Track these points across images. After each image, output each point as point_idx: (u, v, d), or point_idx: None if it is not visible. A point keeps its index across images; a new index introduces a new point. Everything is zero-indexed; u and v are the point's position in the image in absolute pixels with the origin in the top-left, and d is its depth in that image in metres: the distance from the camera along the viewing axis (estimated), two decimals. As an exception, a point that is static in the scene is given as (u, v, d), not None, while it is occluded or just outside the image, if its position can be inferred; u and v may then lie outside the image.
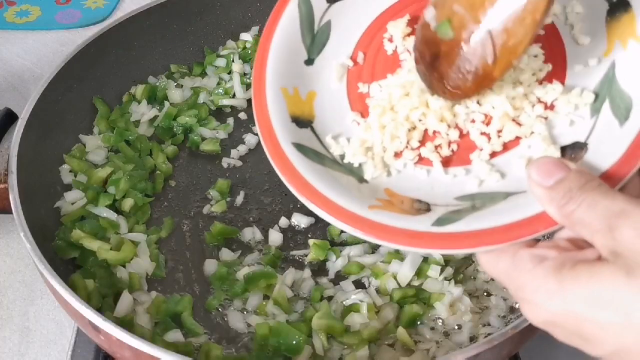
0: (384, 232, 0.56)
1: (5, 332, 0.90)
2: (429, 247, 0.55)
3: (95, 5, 1.42)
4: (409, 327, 0.76)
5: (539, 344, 0.86)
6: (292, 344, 0.74)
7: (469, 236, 0.54)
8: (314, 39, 0.71)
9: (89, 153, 0.96)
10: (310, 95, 0.69)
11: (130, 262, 0.84)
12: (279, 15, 0.71)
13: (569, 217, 0.49)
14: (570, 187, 0.49)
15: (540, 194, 0.51)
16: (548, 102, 0.61)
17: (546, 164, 0.51)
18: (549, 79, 0.62)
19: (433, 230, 0.55)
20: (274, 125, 0.65)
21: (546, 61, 0.63)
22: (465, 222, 0.55)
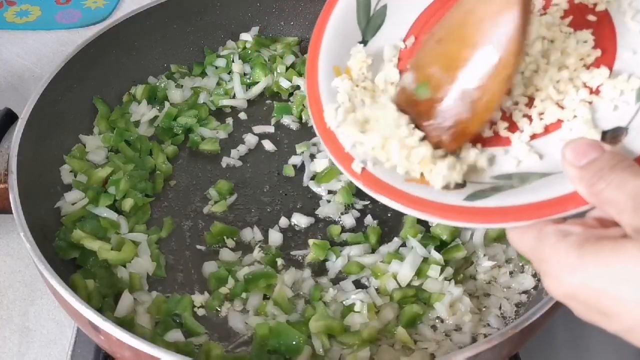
0: (416, 204, 0.59)
1: (5, 332, 0.90)
2: (458, 220, 0.57)
3: (95, 5, 1.42)
4: (409, 327, 0.76)
5: (539, 344, 0.87)
6: (292, 344, 0.74)
7: (498, 212, 0.56)
8: (370, 21, 0.74)
9: (89, 153, 0.96)
10: None
11: (131, 262, 0.84)
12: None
13: (598, 195, 0.50)
14: (602, 166, 0.50)
15: (572, 173, 0.52)
16: (593, 86, 0.62)
17: (581, 145, 0.52)
18: (596, 64, 0.63)
19: (464, 204, 0.57)
20: (323, 102, 0.69)
21: (596, 47, 0.64)
22: (497, 198, 0.57)
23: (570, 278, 0.48)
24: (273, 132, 1.04)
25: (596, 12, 0.66)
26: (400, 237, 0.87)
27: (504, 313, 0.80)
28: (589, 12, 0.66)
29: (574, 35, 0.65)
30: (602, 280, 0.46)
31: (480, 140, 0.64)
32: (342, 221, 0.90)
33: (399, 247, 0.85)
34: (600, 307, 0.47)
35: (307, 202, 0.93)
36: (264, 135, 1.03)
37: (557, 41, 0.65)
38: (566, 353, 0.87)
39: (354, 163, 0.63)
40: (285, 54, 1.12)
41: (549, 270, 0.50)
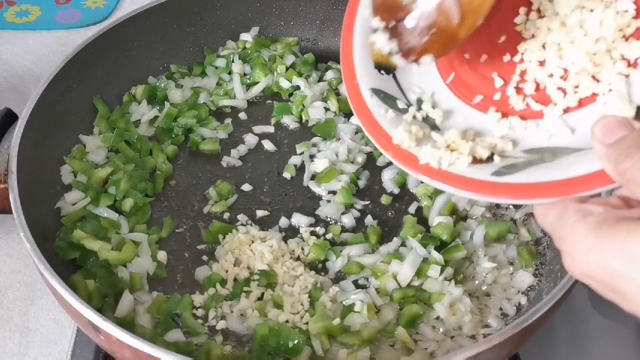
0: (443, 177, 0.59)
1: (5, 332, 0.90)
2: (484, 194, 0.57)
3: (95, 5, 1.42)
4: (409, 327, 0.76)
5: (539, 344, 0.87)
6: (292, 344, 0.74)
7: (524, 188, 0.56)
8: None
9: (89, 153, 0.96)
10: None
11: (132, 262, 0.84)
12: None
13: (624, 174, 0.50)
14: (629, 145, 0.50)
15: (600, 151, 0.52)
16: (631, 59, 0.60)
17: (611, 122, 0.52)
18: (636, 35, 0.61)
19: (491, 179, 0.57)
20: (357, 70, 0.69)
21: (637, 16, 0.62)
22: (524, 174, 0.56)
23: (587, 258, 0.49)
24: (273, 132, 1.04)
25: None
26: (400, 237, 0.87)
27: (504, 313, 0.80)
28: None
29: (614, 5, 0.63)
30: (617, 262, 0.47)
31: (512, 112, 0.64)
32: (342, 221, 0.90)
33: (399, 247, 0.85)
34: (615, 288, 0.48)
35: (307, 202, 0.93)
36: (264, 135, 1.03)
37: (596, 11, 0.63)
38: (566, 353, 0.87)
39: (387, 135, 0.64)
40: (285, 54, 1.12)
41: (568, 249, 0.51)
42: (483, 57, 0.68)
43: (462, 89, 0.69)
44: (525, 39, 0.66)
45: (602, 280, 0.48)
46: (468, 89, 0.68)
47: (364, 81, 0.69)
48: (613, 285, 0.48)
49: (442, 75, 0.70)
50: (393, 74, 0.70)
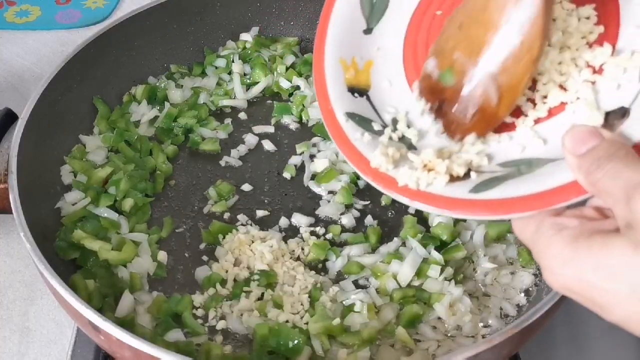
0: (422, 197, 0.60)
1: (5, 332, 0.90)
2: (464, 212, 0.58)
3: (95, 5, 1.42)
4: (409, 327, 0.76)
5: (539, 344, 0.87)
6: (292, 344, 0.74)
7: (501, 204, 0.56)
8: (373, 8, 0.74)
9: (89, 153, 0.96)
10: (367, 65, 0.72)
11: (132, 262, 0.84)
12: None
13: (595, 185, 0.50)
14: (600, 155, 0.50)
15: (571, 162, 0.52)
16: (596, 65, 0.61)
17: (580, 132, 0.52)
18: (599, 42, 0.62)
19: (469, 197, 0.58)
20: (330, 96, 0.70)
21: (599, 23, 0.62)
22: (501, 189, 0.57)
23: (564, 271, 0.49)
24: (273, 132, 1.04)
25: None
26: (400, 237, 0.87)
27: (504, 313, 0.80)
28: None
29: (576, 12, 0.63)
30: (593, 274, 0.47)
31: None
32: (342, 221, 0.90)
33: (399, 247, 0.85)
34: (594, 300, 0.48)
35: (307, 202, 0.93)
36: (264, 135, 1.03)
37: (558, 20, 0.63)
38: (566, 353, 0.87)
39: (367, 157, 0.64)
40: (285, 54, 1.12)
41: (546, 264, 0.51)
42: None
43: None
44: None
45: (580, 293, 0.49)
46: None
47: (338, 105, 0.69)
48: (591, 298, 0.48)
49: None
50: (367, 95, 0.71)
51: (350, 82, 0.71)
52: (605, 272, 0.47)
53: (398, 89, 0.71)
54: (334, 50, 0.72)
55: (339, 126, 0.67)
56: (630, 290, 0.46)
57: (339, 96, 0.70)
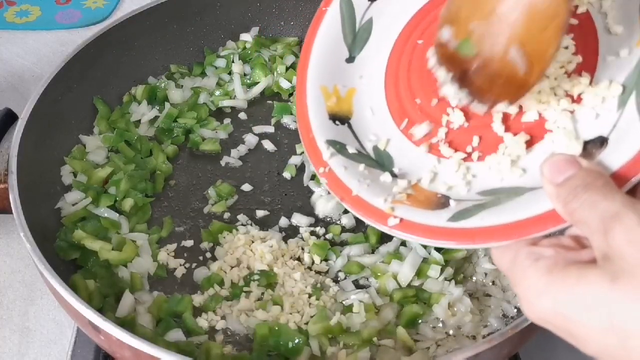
0: (402, 227, 0.60)
1: (5, 332, 0.90)
2: (444, 240, 0.58)
3: (95, 5, 1.42)
4: (409, 327, 0.76)
5: (539, 344, 0.87)
6: (292, 344, 0.74)
7: (479, 232, 0.56)
8: (356, 37, 0.75)
9: (89, 153, 0.96)
10: (349, 93, 0.73)
11: (132, 262, 0.84)
12: (322, 17, 0.75)
13: (572, 215, 0.50)
14: (577, 185, 0.50)
15: (550, 191, 0.52)
16: (575, 94, 0.61)
17: (558, 161, 0.52)
18: (578, 71, 0.62)
19: (449, 225, 0.58)
20: (312, 123, 0.70)
21: (577, 52, 0.62)
22: (479, 217, 0.57)
23: (540, 303, 0.48)
24: (273, 132, 1.04)
25: (577, 15, 0.64)
26: (400, 237, 0.87)
27: (504, 313, 0.80)
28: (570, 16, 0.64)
29: None
30: (568, 307, 0.46)
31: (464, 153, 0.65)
32: (342, 221, 0.90)
33: (399, 247, 0.85)
34: (570, 332, 0.47)
35: (307, 202, 0.93)
36: (264, 135, 1.03)
37: None
38: (566, 353, 0.87)
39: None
40: (285, 54, 1.12)
41: (522, 294, 0.50)
42: (434, 101, 0.68)
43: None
44: None
45: (555, 324, 0.48)
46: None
47: (320, 133, 0.70)
48: (567, 330, 0.48)
49: (396, 121, 0.71)
50: (348, 123, 0.71)
51: (331, 109, 0.72)
52: (581, 305, 0.46)
53: (380, 117, 0.71)
54: (315, 77, 0.73)
55: (320, 154, 0.68)
56: (607, 324, 0.45)
57: (320, 124, 0.71)
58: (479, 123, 0.65)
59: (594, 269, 0.46)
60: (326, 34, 0.75)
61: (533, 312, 0.50)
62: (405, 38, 0.73)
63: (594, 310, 0.45)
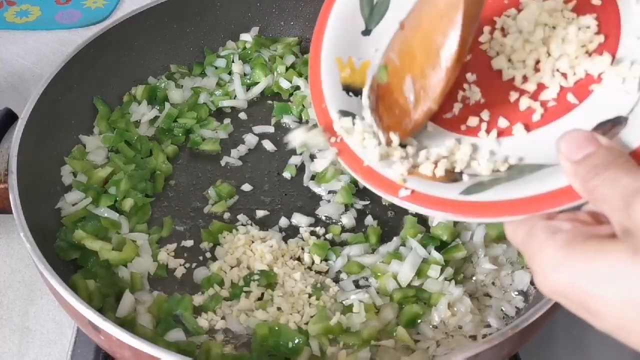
0: (413, 198, 0.59)
1: (5, 332, 0.90)
2: (455, 213, 0.57)
3: (95, 5, 1.42)
4: (409, 327, 0.76)
5: (539, 344, 0.87)
6: (292, 345, 0.74)
7: (492, 206, 0.56)
8: (373, 10, 0.74)
9: (89, 153, 0.96)
10: (364, 65, 0.72)
11: (132, 262, 0.84)
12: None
13: (592, 192, 0.49)
14: (597, 163, 0.49)
15: (567, 168, 0.51)
16: (595, 74, 0.61)
17: (577, 138, 0.51)
18: (599, 51, 0.62)
19: (460, 198, 0.57)
20: (325, 93, 0.69)
21: (599, 32, 0.62)
22: (492, 192, 0.56)
23: (556, 276, 0.48)
24: (273, 132, 1.04)
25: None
26: (400, 237, 0.87)
27: (504, 313, 0.80)
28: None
29: (577, 21, 0.63)
30: (587, 281, 0.46)
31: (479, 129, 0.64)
32: (342, 221, 0.90)
33: (399, 247, 0.85)
34: (586, 306, 0.47)
35: (307, 202, 0.93)
36: (264, 135, 1.03)
37: (558, 28, 0.63)
38: (566, 353, 0.87)
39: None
40: (285, 54, 1.12)
41: (537, 267, 0.50)
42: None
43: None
44: (491, 58, 0.67)
45: (572, 298, 0.48)
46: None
47: (332, 103, 0.69)
48: (583, 304, 0.47)
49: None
50: (361, 95, 0.70)
51: (345, 80, 0.71)
52: (600, 279, 0.46)
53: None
54: (330, 49, 0.72)
55: (331, 124, 0.67)
56: (626, 298, 0.45)
57: (333, 94, 0.70)
58: (496, 99, 0.65)
59: (614, 242, 0.46)
60: (343, 5, 0.74)
61: (549, 286, 0.49)
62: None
63: (613, 283, 0.45)
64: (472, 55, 0.68)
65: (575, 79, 0.62)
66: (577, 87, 0.61)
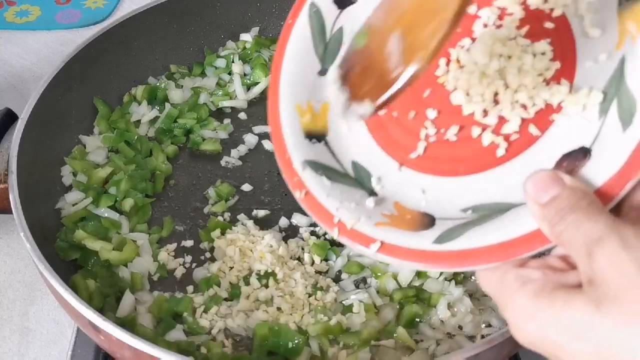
0: (386, 250, 0.57)
1: (5, 332, 0.90)
2: (430, 265, 0.55)
3: (95, 5, 1.42)
4: (409, 327, 0.76)
5: (539, 344, 0.86)
6: (292, 345, 0.74)
7: (467, 254, 0.54)
8: (327, 47, 0.70)
9: (90, 153, 0.96)
10: (324, 108, 0.69)
11: (133, 262, 0.84)
12: (290, 31, 0.71)
13: (559, 237, 0.48)
14: (562, 206, 0.48)
15: (535, 211, 0.50)
16: (555, 104, 0.58)
17: (542, 179, 0.50)
18: (556, 78, 0.59)
19: (434, 248, 0.56)
20: (287, 144, 0.66)
21: (555, 58, 0.60)
22: (465, 239, 0.55)
23: (528, 327, 0.47)
24: (273, 132, 1.04)
25: (553, 19, 0.61)
26: (400, 237, 0.86)
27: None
28: (546, 19, 0.61)
29: (531, 48, 0.60)
30: (555, 332, 0.46)
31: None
32: (342, 221, 0.90)
33: (399, 247, 0.85)
34: (558, 357, 0.47)
35: (307, 202, 0.93)
36: (264, 135, 1.03)
37: (513, 58, 0.60)
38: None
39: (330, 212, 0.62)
40: (285, 54, 1.12)
41: (510, 318, 0.49)
42: (411, 113, 0.65)
43: (394, 148, 0.65)
44: (450, 91, 0.63)
45: (544, 349, 0.47)
46: (400, 147, 0.65)
47: (296, 154, 0.66)
48: (555, 355, 0.47)
49: (374, 137, 0.67)
50: (325, 141, 0.67)
51: (307, 127, 0.67)
52: (567, 331, 0.45)
53: (357, 133, 0.67)
54: (288, 95, 0.69)
55: (298, 176, 0.64)
56: (593, 350, 0.44)
57: (296, 144, 0.66)
58: (459, 135, 0.62)
59: (579, 294, 0.45)
60: (296, 48, 0.70)
61: (522, 337, 0.49)
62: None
63: (580, 336, 0.44)
64: (432, 89, 0.64)
65: (536, 110, 0.59)
66: (538, 118, 0.59)
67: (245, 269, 0.84)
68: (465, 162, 0.61)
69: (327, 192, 0.63)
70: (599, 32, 0.58)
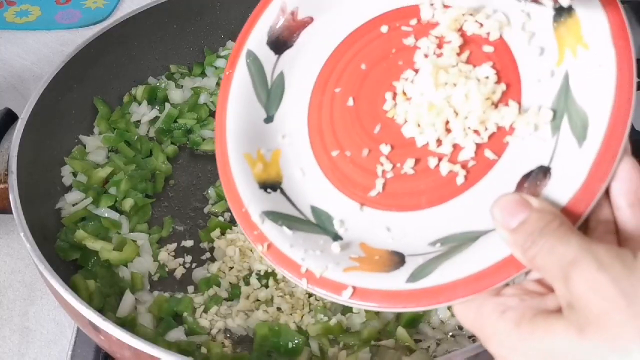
0: (361, 296, 0.55)
1: (5, 332, 0.90)
2: (406, 305, 0.54)
3: (95, 5, 1.42)
4: (409, 327, 0.76)
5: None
6: (292, 345, 0.74)
7: (442, 290, 0.52)
8: (270, 94, 0.69)
9: (90, 153, 0.96)
10: (275, 155, 0.67)
11: (133, 262, 0.84)
12: (230, 81, 0.69)
13: (532, 262, 0.47)
14: (532, 229, 0.47)
15: (505, 237, 0.49)
16: (506, 126, 0.57)
17: (508, 203, 0.49)
18: (504, 100, 0.58)
19: (408, 287, 0.54)
20: (242, 197, 0.64)
21: (500, 81, 0.59)
22: (438, 274, 0.53)
23: (514, 358, 0.46)
24: (273, 132, 1.04)
25: (491, 42, 0.61)
26: (400, 237, 0.86)
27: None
28: (484, 43, 0.60)
29: (474, 72, 0.59)
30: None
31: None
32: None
33: (399, 247, 0.85)
34: None
35: (307, 202, 0.93)
36: (264, 135, 1.03)
37: (459, 86, 0.59)
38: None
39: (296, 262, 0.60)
40: (285, 54, 1.11)
41: (495, 351, 0.48)
42: (364, 151, 0.63)
43: (352, 188, 0.63)
44: (400, 125, 0.62)
45: None
46: (358, 187, 0.63)
47: (253, 207, 0.63)
48: None
49: (329, 179, 0.64)
50: (280, 189, 0.65)
51: (260, 177, 0.65)
52: (552, 358, 0.44)
53: (312, 177, 0.65)
54: (236, 145, 0.66)
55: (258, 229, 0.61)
56: None
57: (251, 195, 0.64)
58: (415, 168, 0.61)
59: (560, 319, 0.44)
60: (238, 99, 0.68)
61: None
62: (322, 88, 0.67)
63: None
64: (382, 125, 0.63)
65: (489, 134, 0.58)
66: (492, 142, 0.58)
67: (245, 269, 0.84)
68: (426, 194, 0.59)
69: (290, 242, 0.60)
70: (538, 50, 0.58)
